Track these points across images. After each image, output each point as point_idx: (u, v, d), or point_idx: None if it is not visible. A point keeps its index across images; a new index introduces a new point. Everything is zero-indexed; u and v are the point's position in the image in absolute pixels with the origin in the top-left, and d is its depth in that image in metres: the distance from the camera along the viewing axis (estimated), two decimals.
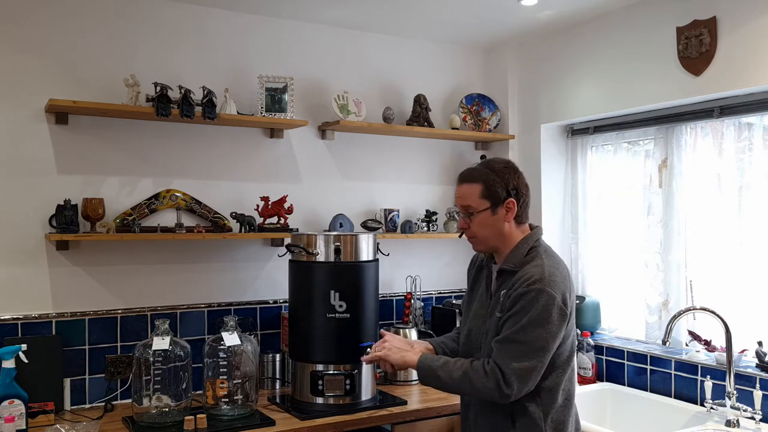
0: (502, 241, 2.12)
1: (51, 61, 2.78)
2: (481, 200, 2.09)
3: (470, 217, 2.12)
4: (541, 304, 1.93)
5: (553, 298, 1.95)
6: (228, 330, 2.69)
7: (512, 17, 3.28)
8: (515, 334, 1.94)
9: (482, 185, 2.09)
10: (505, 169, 2.14)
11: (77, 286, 2.82)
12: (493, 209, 2.09)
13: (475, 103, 3.72)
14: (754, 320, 2.79)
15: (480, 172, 2.12)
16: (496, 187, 2.09)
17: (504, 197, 2.09)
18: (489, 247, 2.15)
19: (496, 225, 2.10)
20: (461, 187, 2.14)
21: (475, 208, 2.10)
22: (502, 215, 2.10)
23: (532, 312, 1.93)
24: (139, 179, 2.95)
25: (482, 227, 2.11)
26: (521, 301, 1.95)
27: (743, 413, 2.54)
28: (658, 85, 2.97)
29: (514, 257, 2.08)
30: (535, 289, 1.95)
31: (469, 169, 2.17)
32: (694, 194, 3.05)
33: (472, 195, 2.10)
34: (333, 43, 3.41)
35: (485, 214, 2.10)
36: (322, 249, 2.75)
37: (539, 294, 1.94)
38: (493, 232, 2.11)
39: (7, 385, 2.39)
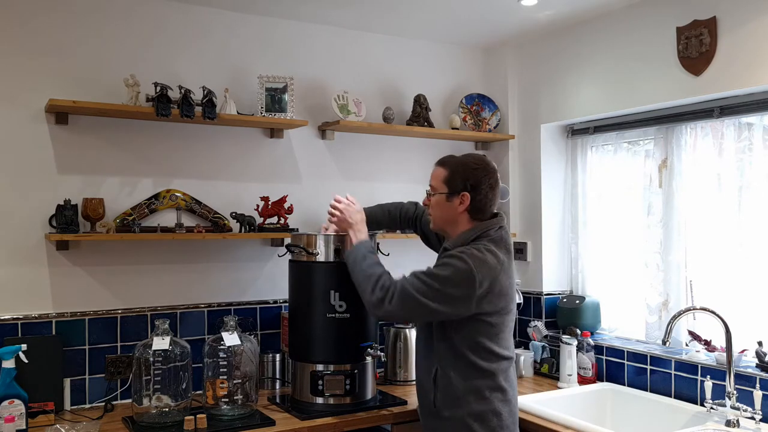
0: (451, 227, 2.35)
1: (51, 61, 2.78)
2: (442, 184, 2.32)
3: (431, 197, 2.37)
4: (458, 256, 2.20)
5: (468, 254, 2.19)
6: (228, 330, 2.69)
7: (512, 17, 3.28)
8: (421, 273, 2.22)
9: (448, 172, 2.32)
10: (476, 166, 2.32)
11: (77, 286, 2.82)
12: (448, 196, 2.31)
13: (475, 103, 3.72)
14: (754, 320, 2.79)
15: (454, 161, 2.34)
16: (457, 178, 2.30)
17: (459, 189, 2.29)
18: (438, 227, 2.41)
19: (448, 211, 2.32)
20: (435, 168, 2.39)
21: (435, 189, 2.35)
22: (456, 204, 2.30)
23: (449, 258, 2.21)
24: (139, 179, 2.95)
25: (435, 208, 2.36)
26: (439, 260, 2.28)
27: (743, 413, 2.54)
28: (658, 85, 2.97)
29: (459, 240, 2.30)
30: (452, 255, 2.22)
31: (449, 155, 2.40)
32: (694, 194, 3.05)
33: (437, 177, 2.35)
34: (333, 43, 3.41)
35: (440, 198, 2.33)
36: (322, 249, 2.75)
37: (453, 259, 2.20)
38: (443, 216, 2.35)
39: (7, 385, 2.39)
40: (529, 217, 3.65)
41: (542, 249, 3.57)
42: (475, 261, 2.18)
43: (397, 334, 3.21)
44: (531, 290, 3.61)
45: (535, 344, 3.44)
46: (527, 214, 3.67)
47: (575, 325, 3.33)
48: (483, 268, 2.19)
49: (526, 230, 3.67)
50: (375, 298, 2.27)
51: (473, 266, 2.17)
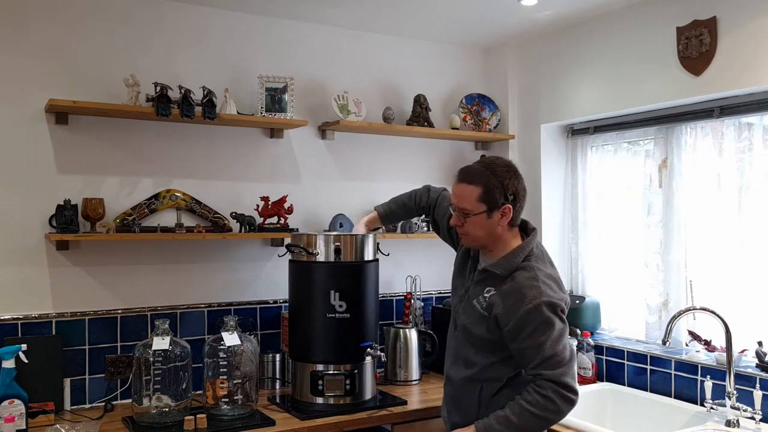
0: (493, 241, 2.15)
1: (51, 61, 2.78)
2: (478, 203, 2.09)
3: (465, 218, 2.12)
4: (550, 316, 2.00)
5: (555, 306, 2.02)
6: (228, 330, 2.69)
7: (512, 17, 3.28)
8: (544, 351, 1.98)
9: (482, 189, 2.08)
10: (507, 172, 2.11)
11: (77, 286, 2.82)
12: (489, 213, 2.09)
13: (475, 103, 3.72)
14: (754, 320, 2.79)
15: (481, 174, 2.10)
16: (495, 192, 2.08)
17: (501, 203, 2.09)
18: (479, 245, 2.19)
19: (490, 228, 2.11)
20: (460, 187, 2.12)
21: (471, 210, 2.10)
22: (497, 219, 2.10)
23: (550, 327, 2.00)
24: (139, 179, 2.95)
25: (475, 228, 2.12)
26: (531, 319, 2.00)
27: (743, 413, 2.54)
28: (658, 85, 2.97)
29: (507, 264, 2.11)
30: (540, 304, 2.00)
31: (470, 169, 2.14)
32: (694, 194, 3.05)
33: (469, 197, 2.09)
34: (333, 43, 3.41)
35: (481, 217, 2.10)
36: (322, 249, 2.75)
37: (545, 308, 2.00)
38: (485, 233, 2.13)
39: (7, 385, 2.39)
40: (529, 217, 3.56)
41: None
42: (548, 294, 2.03)
43: (397, 334, 3.21)
44: None
45: None
46: (527, 214, 3.64)
47: (575, 325, 3.33)
48: (557, 303, 2.04)
49: None
50: (563, 407, 1.99)
51: (553, 300, 2.02)
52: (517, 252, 2.12)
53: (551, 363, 1.97)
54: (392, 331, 3.23)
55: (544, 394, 1.97)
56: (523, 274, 2.07)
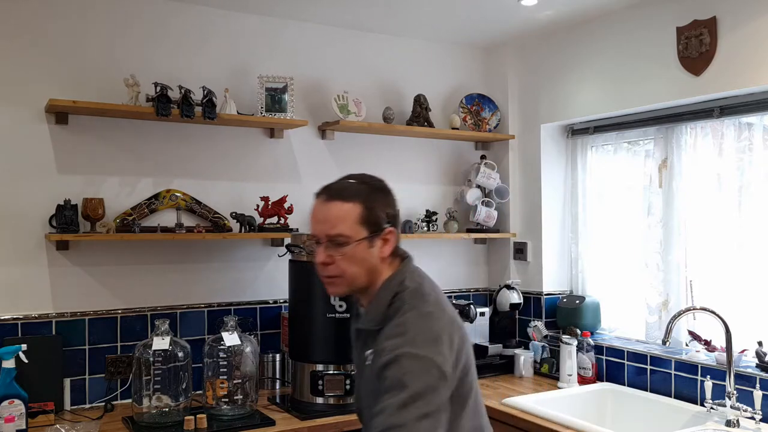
0: (372, 281, 1.64)
1: (51, 61, 2.78)
2: (358, 227, 1.59)
3: (338, 249, 1.59)
4: (403, 377, 1.44)
5: (420, 358, 1.47)
6: (228, 330, 2.69)
7: (512, 17, 3.28)
8: (394, 417, 1.41)
9: (361, 206, 1.60)
10: (383, 188, 1.67)
11: (77, 286, 2.82)
12: (370, 240, 1.60)
13: (475, 103, 3.72)
14: (754, 320, 2.79)
15: (357, 188, 1.63)
16: (377, 212, 1.61)
17: (384, 226, 1.62)
18: (355, 289, 1.65)
19: (370, 262, 1.61)
20: (330, 206, 1.61)
21: (350, 237, 1.58)
22: (378, 249, 1.62)
23: (400, 389, 1.43)
24: (139, 179, 2.95)
25: (353, 263, 1.60)
26: (387, 374, 1.47)
27: (743, 413, 2.54)
28: (658, 85, 2.97)
29: (374, 312, 1.62)
30: (400, 355, 1.47)
31: (339, 184, 1.67)
32: (694, 194, 3.05)
33: (346, 218, 1.59)
34: (333, 43, 3.41)
35: (361, 247, 1.59)
36: None
37: (403, 360, 1.46)
38: (364, 270, 1.62)
39: (7, 385, 2.39)
40: (529, 217, 3.65)
41: (542, 249, 3.56)
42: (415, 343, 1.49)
43: None
44: (531, 290, 3.61)
45: (535, 344, 3.44)
46: (527, 214, 3.67)
47: (575, 325, 3.33)
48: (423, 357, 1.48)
49: (526, 230, 3.67)
50: None
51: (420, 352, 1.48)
52: (382, 292, 1.62)
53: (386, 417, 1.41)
54: None
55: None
56: (395, 319, 1.56)
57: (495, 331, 3.57)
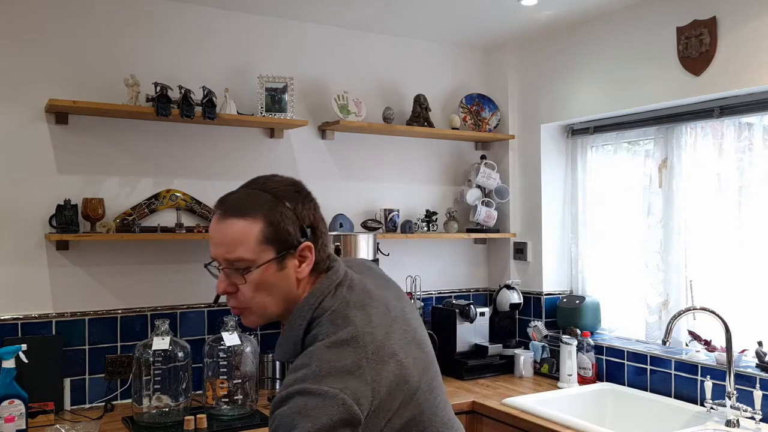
0: (290, 308, 1.37)
1: (51, 61, 2.78)
2: (261, 247, 1.32)
3: (241, 275, 1.32)
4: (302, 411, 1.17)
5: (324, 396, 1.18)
6: (228, 330, 2.70)
7: (512, 17, 3.28)
8: None
9: (264, 224, 1.32)
10: (295, 193, 1.40)
11: (77, 286, 2.82)
12: (279, 261, 1.33)
13: (475, 103, 3.72)
14: (754, 320, 2.79)
15: (259, 200, 1.36)
16: (286, 225, 1.34)
17: (297, 241, 1.35)
18: (268, 319, 1.38)
19: (284, 285, 1.35)
20: (224, 226, 1.33)
21: (252, 261, 1.31)
22: (293, 269, 1.35)
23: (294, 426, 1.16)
24: (139, 179, 2.95)
25: (261, 291, 1.34)
26: (276, 413, 1.21)
27: (743, 413, 2.54)
28: (658, 85, 2.97)
29: (287, 342, 1.35)
30: (294, 392, 1.20)
31: (237, 196, 1.40)
32: (694, 194, 3.05)
33: (244, 239, 1.31)
34: (333, 43, 3.41)
35: (267, 270, 1.32)
36: None
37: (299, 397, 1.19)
38: (277, 298, 1.35)
39: (7, 385, 2.39)
40: (529, 217, 3.65)
41: (542, 249, 3.56)
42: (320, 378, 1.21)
43: None
44: (531, 290, 3.61)
45: (535, 344, 3.44)
46: (527, 214, 3.66)
47: (575, 325, 3.33)
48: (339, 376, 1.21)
49: (526, 230, 3.67)
50: None
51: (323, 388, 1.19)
52: (294, 319, 1.35)
53: None
54: None
55: None
56: (308, 347, 1.30)
57: (495, 331, 3.57)
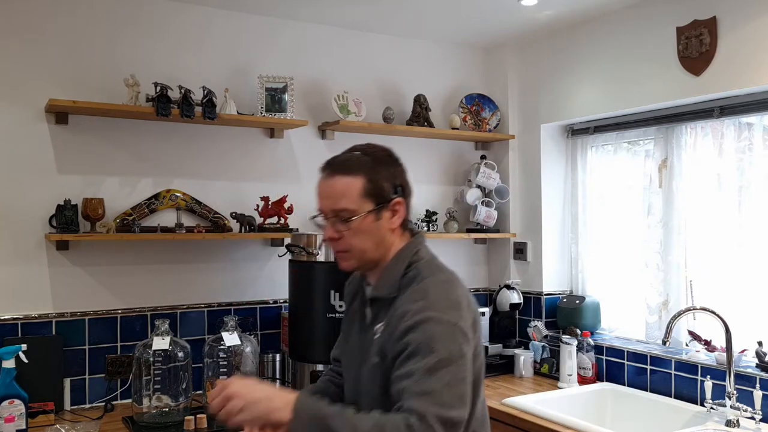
0: (382, 254, 1.62)
1: (51, 61, 2.78)
2: (362, 200, 1.57)
3: (345, 223, 1.57)
4: (438, 336, 1.43)
5: (447, 323, 1.46)
6: (228, 330, 2.70)
7: (512, 17, 3.28)
8: (423, 383, 1.37)
9: (363, 179, 1.57)
10: (389, 158, 1.64)
11: (77, 286, 2.82)
12: (377, 212, 1.58)
13: (475, 103, 3.72)
14: (754, 320, 2.79)
15: (359, 161, 1.60)
16: (381, 183, 1.58)
17: (391, 197, 1.60)
18: (366, 263, 1.62)
19: (379, 234, 1.60)
20: (332, 182, 1.58)
21: (355, 211, 1.56)
22: (386, 221, 1.60)
23: (428, 352, 1.40)
24: (139, 179, 2.95)
25: (361, 238, 1.58)
26: (411, 338, 1.43)
27: (743, 413, 2.54)
28: (658, 85, 2.97)
29: (388, 280, 1.59)
30: (422, 320, 1.44)
31: (341, 157, 1.62)
32: (694, 194, 3.05)
33: (349, 193, 1.56)
34: (333, 43, 3.41)
35: (367, 220, 1.57)
36: (322, 249, 2.75)
37: (429, 325, 1.44)
38: (373, 244, 1.60)
39: (7, 385, 2.39)
40: (529, 217, 3.65)
41: (542, 249, 3.56)
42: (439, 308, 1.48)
43: None
44: (531, 290, 3.61)
45: (535, 344, 3.44)
46: (527, 214, 3.67)
47: (575, 325, 3.33)
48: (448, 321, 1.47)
49: (526, 230, 3.67)
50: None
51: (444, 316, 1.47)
52: (394, 261, 1.61)
53: (424, 397, 1.36)
54: None
55: (411, 423, 1.33)
56: (412, 286, 1.55)
57: (495, 331, 3.57)
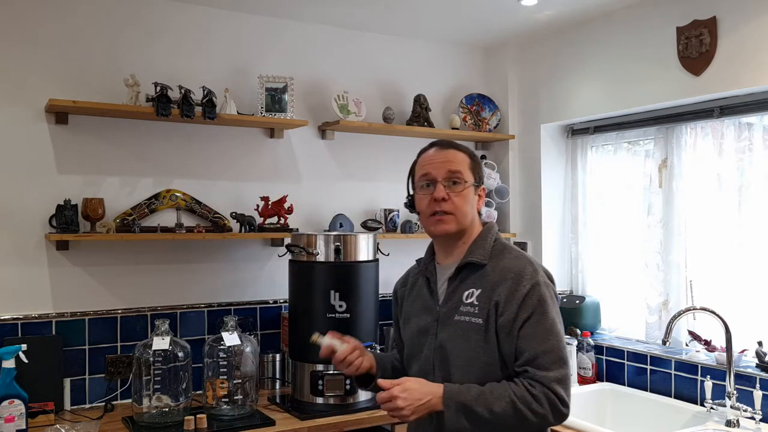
0: (470, 227, 1.80)
1: (51, 61, 2.78)
2: (469, 172, 1.79)
3: (455, 187, 1.77)
4: (548, 300, 1.68)
5: (551, 289, 1.72)
6: (228, 330, 2.69)
7: (512, 17, 3.28)
8: (542, 343, 1.62)
9: (469, 159, 1.82)
10: (476, 155, 1.89)
11: (77, 286, 2.82)
12: (475, 188, 1.81)
13: (475, 103, 3.72)
14: (754, 320, 2.79)
15: (465, 147, 1.86)
16: (477, 167, 1.83)
17: (480, 181, 1.84)
18: (460, 229, 1.78)
19: (473, 207, 1.81)
20: (447, 152, 1.81)
21: (466, 179, 1.78)
22: (475, 200, 1.82)
23: (547, 312, 1.66)
24: (139, 179, 2.95)
25: (465, 203, 1.77)
26: (529, 303, 1.65)
27: (743, 413, 2.54)
28: (658, 85, 2.97)
29: (480, 249, 1.77)
30: (538, 283, 1.67)
31: (447, 140, 1.89)
32: (694, 194, 3.05)
33: (463, 162, 1.79)
34: (333, 43, 3.41)
35: (470, 191, 1.79)
36: (322, 249, 2.75)
37: (544, 289, 1.68)
38: (471, 212, 1.79)
39: (7, 385, 2.39)
40: (529, 217, 3.65)
41: (542, 249, 3.56)
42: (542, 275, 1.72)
43: None
44: None
45: None
46: (527, 214, 3.67)
47: (575, 325, 3.33)
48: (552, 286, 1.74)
49: (526, 230, 3.67)
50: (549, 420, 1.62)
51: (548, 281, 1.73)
52: (484, 234, 1.81)
53: (546, 360, 1.61)
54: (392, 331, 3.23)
55: (534, 393, 1.60)
56: (505, 256, 1.75)
57: None
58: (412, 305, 1.89)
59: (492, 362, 1.68)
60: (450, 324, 1.74)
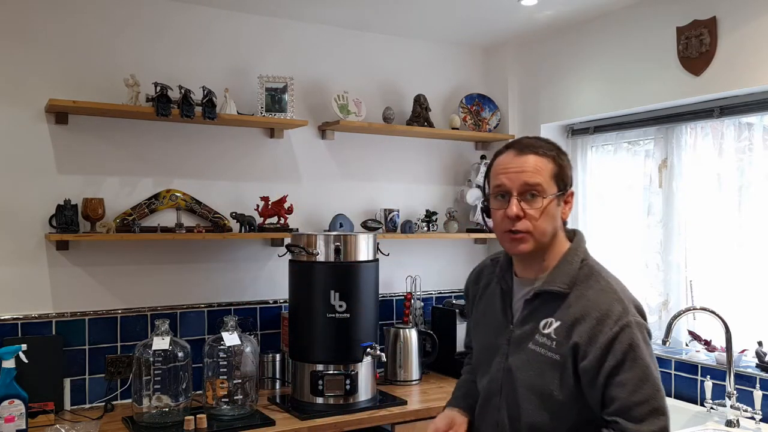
0: (552, 243, 1.58)
1: (51, 61, 2.78)
2: (551, 182, 1.54)
3: (533, 200, 1.52)
4: (641, 344, 1.47)
5: (643, 328, 1.51)
6: (228, 330, 2.69)
7: (512, 17, 3.28)
8: (634, 393, 1.44)
9: (554, 164, 1.55)
10: (561, 148, 1.62)
11: (77, 286, 2.82)
12: (559, 198, 1.56)
13: (475, 103, 3.72)
14: (754, 320, 2.79)
15: (548, 145, 1.58)
16: (565, 171, 1.56)
17: (567, 187, 1.58)
18: (539, 248, 1.57)
19: (556, 220, 1.56)
20: (524, 159, 1.54)
21: (544, 190, 1.52)
22: (561, 208, 1.58)
23: (640, 358, 1.45)
24: (139, 179, 2.95)
25: (545, 218, 1.53)
26: (617, 348, 1.46)
27: (743, 413, 2.54)
28: (658, 85, 2.97)
29: (562, 273, 1.55)
30: (628, 324, 1.47)
31: (531, 139, 1.60)
32: (694, 194, 3.05)
33: (544, 171, 1.53)
34: (333, 43, 3.41)
35: (552, 204, 1.54)
36: (322, 249, 2.75)
37: (633, 331, 1.47)
38: (552, 228, 1.56)
39: (7, 385, 2.39)
40: None
41: None
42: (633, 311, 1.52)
43: (397, 334, 3.21)
44: None
45: None
46: None
47: None
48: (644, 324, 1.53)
49: None
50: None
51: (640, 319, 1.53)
52: (571, 255, 1.58)
53: (640, 411, 1.43)
54: (392, 331, 3.23)
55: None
56: (591, 286, 1.54)
57: None
58: (484, 314, 1.73)
59: (567, 401, 1.51)
60: (522, 350, 1.57)
